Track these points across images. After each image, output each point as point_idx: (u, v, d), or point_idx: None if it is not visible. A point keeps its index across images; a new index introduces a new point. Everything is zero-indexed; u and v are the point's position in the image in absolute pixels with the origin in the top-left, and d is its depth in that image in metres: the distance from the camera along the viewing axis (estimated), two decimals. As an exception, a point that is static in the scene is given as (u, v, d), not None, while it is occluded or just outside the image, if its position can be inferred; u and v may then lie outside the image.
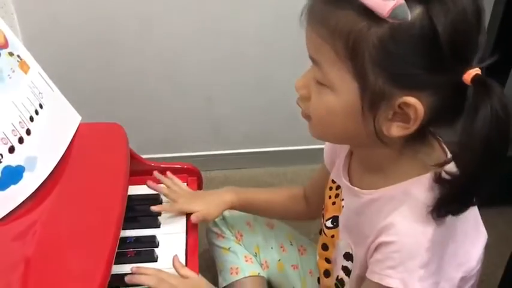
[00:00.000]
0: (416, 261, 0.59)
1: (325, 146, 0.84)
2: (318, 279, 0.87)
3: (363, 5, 0.52)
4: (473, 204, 0.60)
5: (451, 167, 0.58)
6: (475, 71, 0.53)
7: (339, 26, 0.55)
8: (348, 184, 0.72)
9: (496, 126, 0.51)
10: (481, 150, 0.52)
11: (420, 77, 0.54)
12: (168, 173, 1.00)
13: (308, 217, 1.01)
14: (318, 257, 0.83)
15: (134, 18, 1.29)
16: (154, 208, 0.92)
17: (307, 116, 0.65)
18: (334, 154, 0.80)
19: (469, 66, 0.54)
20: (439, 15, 0.52)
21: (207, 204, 0.93)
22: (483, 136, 0.52)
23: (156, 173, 0.98)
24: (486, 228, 0.72)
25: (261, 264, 1.03)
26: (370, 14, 0.52)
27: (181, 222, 0.92)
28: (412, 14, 0.52)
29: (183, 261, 0.84)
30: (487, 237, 0.70)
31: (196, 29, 1.32)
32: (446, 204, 0.58)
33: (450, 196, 0.57)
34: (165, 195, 0.96)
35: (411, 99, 0.55)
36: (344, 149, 0.76)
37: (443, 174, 0.58)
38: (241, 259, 1.01)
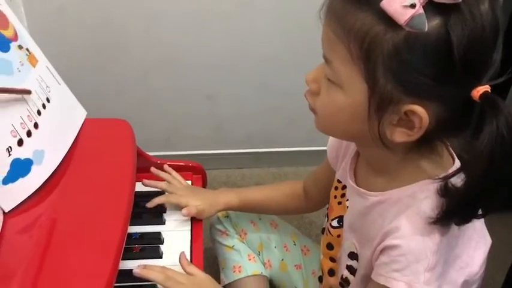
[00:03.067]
0: (422, 264, 0.60)
1: (330, 140, 0.84)
2: (319, 278, 0.87)
3: (382, 10, 0.52)
4: (477, 217, 0.60)
5: (457, 178, 0.58)
6: (484, 88, 0.53)
7: (356, 27, 0.55)
8: (354, 185, 0.72)
9: (500, 147, 0.51)
10: (484, 168, 0.53)
11: (430, 87, 0.54)
12: (166, 167, 0.99)
13: (306, 212, 1.02)
14: (321, 256, 0.83)
15: (140, 17, 1.29)
16: (148, 205, 0.91)
17: (313, 110, 0.65)
18: (339, 150, 0.80)
19: (479, 82, 0.54)
20: (456, 29, 0.51)
21: (203, 201, 0.94)
22: (486, 155, 0.52)
23: (153, 169, 0.98)
24: (486, 232, 0.72)
25: (264, 263, 1.03)
26: (388, 19, 0.52)
27: (186, 219, 0.92)
28: (430, 24, 0.51)
29: (188, 258, 0.84)
30: (491, 242, 0.71)
31: (200, 28, 1.32)
32: (449, 215, 0.59)
33: (453, 208, 0.58)
34: (163, 189, 0.95)
35: (418, 108, 0.55)
36: (350, 149, 0.76)
37: (448, 185, 0.58)
38: (245, 258, 1.01)
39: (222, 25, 1.32)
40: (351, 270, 0.74)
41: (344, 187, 0.77)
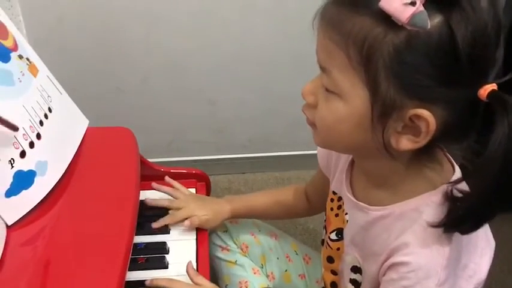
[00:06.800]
0: (433, 280, 0.58)
1: (318, 150, 0.82)
2: (322, 289, 0.86)
3: (381, 10, 0.50)
4: (487, 222, 0.59)
5: (463, 184, 0.57)
6: (492, 86, 0.52)
7: (353, 31, 0.53)
8: (353, 199, 0.70)
9: None
10: (498, 170, 0.50)
11: (434, 89, 0.52)
12: (167, 178, 0.98)
13: (309, 215, 1.01)
14: (323, 269, 0.82)
15: (140, 22, 1.28)
16: (154, 225, 0.89)
17: (312, 124, 0.63)
18: (329, 158, 0.79)
19: (485, 81, 0.52)
20: (459, 26, 0.50)
21: (208, 211, 0.92)
22: (500, 156, 0.50)
23: (154, 185, 0.96)
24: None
25: (267, 276, 1.00)
26: (387, 20, 0.50)
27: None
28: (432, 22, 0.50)
29: (194, 267, 0.83)
30: (494, 244, 0.69)
31: (201, 33, 1.32)
32: (457, 223, 0.57)
33: (461, 216, 0.56)
34: (167, 207, 0.93)
35: (424, 112, 0.53)
36: (343, 159, 0.75)
37: (455, 193, 0.57)
38: (249, 272, 0.97)
39: (223, 29, 1.32)
40: (355, 283, 0.72)
41: (340, 198, 0.75)
